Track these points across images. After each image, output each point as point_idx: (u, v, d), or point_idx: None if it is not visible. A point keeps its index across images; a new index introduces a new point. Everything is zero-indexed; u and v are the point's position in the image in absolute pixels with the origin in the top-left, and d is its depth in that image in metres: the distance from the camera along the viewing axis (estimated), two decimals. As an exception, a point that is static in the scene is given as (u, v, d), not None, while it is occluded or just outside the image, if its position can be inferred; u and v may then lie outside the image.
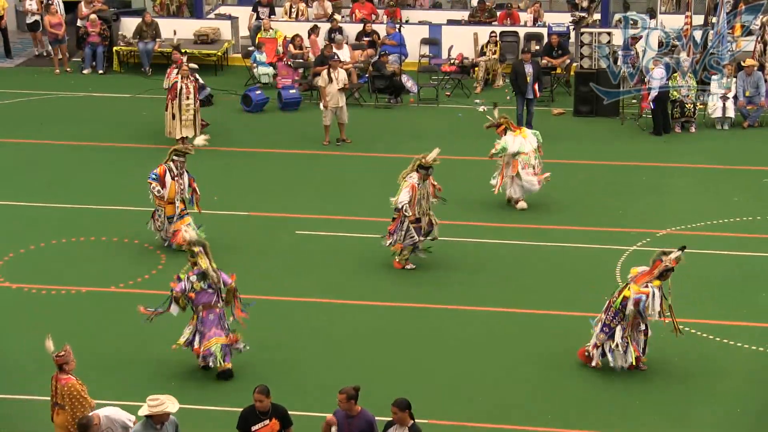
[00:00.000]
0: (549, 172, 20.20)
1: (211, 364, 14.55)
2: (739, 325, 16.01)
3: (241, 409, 12.18)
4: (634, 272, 14.59)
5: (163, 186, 18.27)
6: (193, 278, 14.46)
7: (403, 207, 17.60)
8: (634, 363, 14.61)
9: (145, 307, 14.68)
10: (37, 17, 30.60)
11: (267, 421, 11.99)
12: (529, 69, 24.34)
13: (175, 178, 18.37)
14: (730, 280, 17.57)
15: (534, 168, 19.98)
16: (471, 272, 17.90)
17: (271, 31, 29.29)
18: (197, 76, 26.72)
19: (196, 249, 14.51)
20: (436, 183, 17.94)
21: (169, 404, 11.61)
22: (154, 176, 18.32)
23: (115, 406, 12.04)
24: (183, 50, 25.65)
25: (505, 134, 20.09)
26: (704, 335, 15.66)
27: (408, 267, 17.96)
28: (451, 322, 16.36)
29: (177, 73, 23.44)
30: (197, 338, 14.55)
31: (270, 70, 28.15)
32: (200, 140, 19.69)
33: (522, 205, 20.24)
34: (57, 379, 12.32)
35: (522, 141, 20.00)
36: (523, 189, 20.14)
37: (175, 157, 18.40)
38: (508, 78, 25.70)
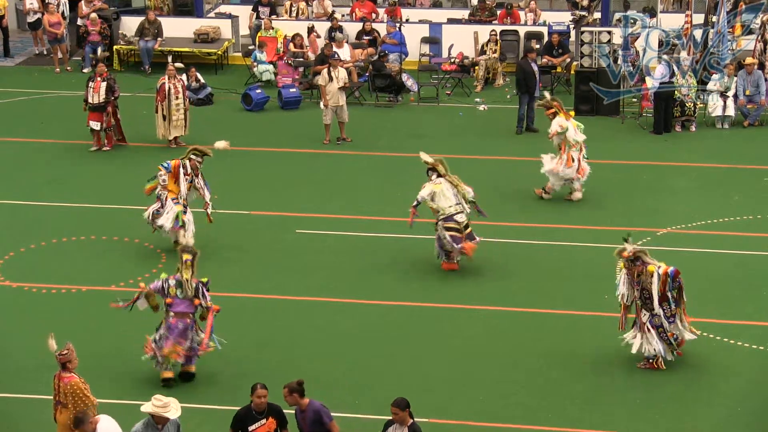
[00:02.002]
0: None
1: (156, 366, 14.47)
2: (740, 324, 16.01)
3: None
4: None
5: (175, 179, 18.23)
6: (172, 282, 14.37)
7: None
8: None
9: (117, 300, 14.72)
10: (38, 15, 30.61)
11: (264, 421, 11.99)
12: (535, 67, 24.37)
13: (186, 176, 18.33)
14: (731, 279, 17.56)
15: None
16: (471, 271, 17.87)
17: (271, 30, 29.29)
18: (198, 75, 26.82)
19: (186, 257, 14.46)
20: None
21: (172, 410, 11.58)
22: (166, 165, 18.21)
23: (114, 422, 11.94)
24: (106, 54, 24.66)
25: (554, 117, 20.22)
26: (705, 334, 15.64)
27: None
28: (451, 321, 16.35)
29: (100, 82, 22.97)
30: (157, 339, 14.45)
31: (271, 67, 28.14)
32: (221, 144, 19.27)
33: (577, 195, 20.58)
34: (60, 377, 12.32)
35: (573, 128, 20.15)
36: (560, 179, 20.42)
37: (192, 156, 18.35)
38: (515, 77, 25.48)
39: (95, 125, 23.27)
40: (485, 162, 21.93)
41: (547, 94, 21.11)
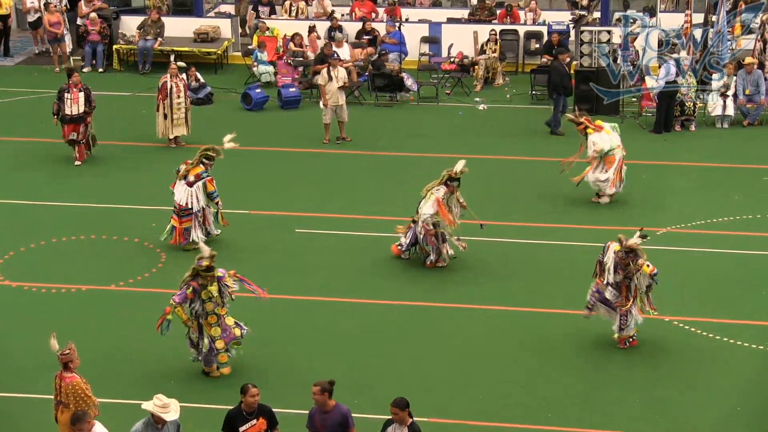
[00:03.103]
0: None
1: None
2: (740, 324, 16.01)
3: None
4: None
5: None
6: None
7: (425, 220, 17.49)
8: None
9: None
10: (38, 15, 30.60)
11: (254, 421, 12.00)
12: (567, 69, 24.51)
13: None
14: (731, 278, 17.56)
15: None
16: (471, 270, 17.88)
17: (267, 31, 29.28)
18: (198, 74, 26.82)
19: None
20: (462, 199, 17.87)
21: (172, 411, 11.57)
22: (215, 194, 18.48)
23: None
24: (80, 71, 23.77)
25: (585, 133, 20.19)
26: (705, 333, 15.66)
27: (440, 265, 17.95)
28: (451, 321, 16.35)
29: (77, 93, 22.28)
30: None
31: (270, 68, 28.14)
32: (229, 143, 19.06)
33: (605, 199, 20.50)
34: (61, 377, 12.31)
35: (608, 138, 20.08)
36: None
37: (205, 161, 18.41)
38: (550, 80, 24.87)
39: (74, 136, 22.49)
40: (485, 162, 21.91)
41: (569, 115, 21.00)
